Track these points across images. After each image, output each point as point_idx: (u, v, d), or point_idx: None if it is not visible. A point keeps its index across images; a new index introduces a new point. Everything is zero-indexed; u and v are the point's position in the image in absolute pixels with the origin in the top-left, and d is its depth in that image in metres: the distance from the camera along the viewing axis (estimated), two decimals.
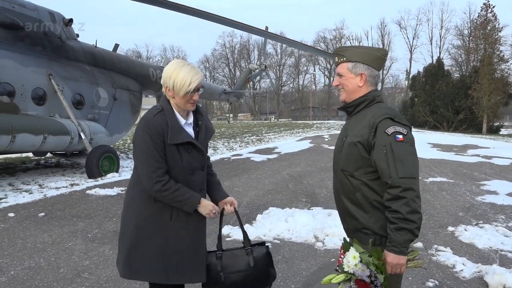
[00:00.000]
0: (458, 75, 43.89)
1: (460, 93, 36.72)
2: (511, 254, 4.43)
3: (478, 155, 13.93)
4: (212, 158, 13.37)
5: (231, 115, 65.83)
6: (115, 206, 6.67)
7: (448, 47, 61.24)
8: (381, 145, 1.89)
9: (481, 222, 5.64)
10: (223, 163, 12.24)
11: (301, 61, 72.54)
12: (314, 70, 74.08)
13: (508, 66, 40.27)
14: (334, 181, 2.19)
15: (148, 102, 45.27)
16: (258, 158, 13.23)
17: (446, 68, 43.31)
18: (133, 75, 13.05)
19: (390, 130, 1.89)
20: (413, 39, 67.35)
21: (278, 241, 4.91)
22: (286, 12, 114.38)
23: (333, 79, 2.28)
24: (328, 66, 70.43)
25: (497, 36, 38.75)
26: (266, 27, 21.18)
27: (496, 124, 38.21)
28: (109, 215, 6.13)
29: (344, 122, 2.28)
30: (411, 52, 66.75)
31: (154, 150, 2.11)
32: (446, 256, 4.31)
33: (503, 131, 38.48)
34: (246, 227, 5.32)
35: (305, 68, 73.95)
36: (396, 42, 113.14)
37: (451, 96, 36.96)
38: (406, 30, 70.63)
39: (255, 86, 66.19)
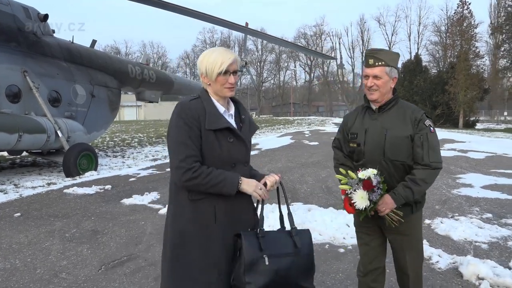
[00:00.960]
0: (436, 71, 44.67)
1: (437, 89, 37.38)
2: (485, 245, 4.56)
3: (454, 149, 14.23)
4: None
5: None
6: (94, 205, 6.58)
7: (426, 43, 62.38)
8: (420, 134, 2.34)
9: (457, 214, 5.78)
10: None
11: (281, 57, 72.68)
12: (295, 66, 74.39)
13: (483, 62, 41.23)
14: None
15: (128, 99, 44.89)
16: None
17: (424, 64, 44.01)
18: (111, 72, 12.87)
19: (427, 123, 2.39)
20: (392, 35, 68.36)
21: None
22: (267, 8, 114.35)
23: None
24: (309, 62, 70.85)
25: (472, 33, 39.55)
26: (247, 23, 21.12)
27: (472, 118, 39.06)
28: (87, 214, 6.05)
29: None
30: (390, 48, 67.54)
31: (187, 137, 1.88)
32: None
33: (478, 126, 39.38)
34: None
35: (286, 64, 74.16)
36: (376, 39, 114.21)
37: (429, 92, 37.61)
38: (385, 26, 71.60)
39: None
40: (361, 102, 2.63)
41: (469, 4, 39.44)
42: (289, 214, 2.09)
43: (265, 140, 18.47)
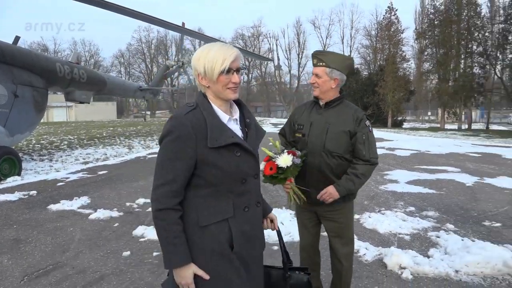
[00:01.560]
0: (367, 73, 46.93)
1: (368, 90, 39.26)
2: (408, 237, 4.86)
3: (383, 148, 15.03)
4: (127, 157, 12.90)
5: (148, 112, 63.93)
6: (16, 212, 6.16)
7: (358, 47, 65.10)
8: (362, 133, 2.62)
9: (383, 209, 6.11)
10: (138, 162, 11.86)
11: None
12: None
13: (409, 65, 43.99)
14: (312, 160, 2.65)
15: (58, 99, 42.41)
16: None
17: (356, 66, 46.08)
18: (38, 70, 12.09)
19: (367, 123, 2.67)
20: (327, 38, 70.57)
21: None
22: (205, 7, 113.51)
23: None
24: (247, 63, 71.36)
25: (399, 37, 42.04)
26: (183, 23, 20.82)
27: (399, 118, 41.49)
28: (9, 222, 5.64)
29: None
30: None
31: (176, 160, 1.63)
32: None
33: (405, 125, 41.97)
34: None
35: None
36: (311, 41, 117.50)
37: (360, 93, 39.39)
38: (320, 29, 73.84)
39: (173, 83, 64.99)
40: (298, 103, 2.82)
41: (396, 10, 41.89)
42: (284, 258, 2.13)
43: None
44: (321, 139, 2.64)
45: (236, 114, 1.82)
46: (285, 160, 2.47)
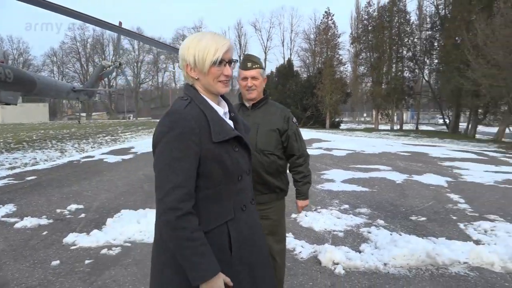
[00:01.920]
0: (306, 76, 48.21)
1: (307, 92, 40.32)
2: (341, 233, 5.05)
3: (321, 148, 15.51)
4: (58, 162, 12.25)
5: (83, 114, 61.15)
6: None
7: (298, 50, 66.76)
8: (292, 130, 2.83)
9: (319, 207, 6.30)
10: (71, 166, 11.30)
11: (160, 58, 71.18)
12: (174, 68, 73.38)
13: (346, 68, 45.78)
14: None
15: None
16: (112, 159, 12.56)
17: (295, 68, 47.17)
18: None
19: (294, 120, 2.89)
20: (267, 40, 71.77)
21: (129, 244, 4.74)
22: (144, 6, 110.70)
23: None
24: None
25: (336, 42, 43.63)
26: (120, 23, 20.18)
27: (337, 119, 43.02)
28: None
29: None
30: (265, 53, 70.92)
31: (183, 158, 1.46)
32: (288, 241, 4.68)
33: (342, 126, 43.64)
34: (94, 233, 5.01)
35: (165, 65, 72.84)
36: (252, 43, 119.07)
37: (300, 95, 40.37)
38: (260, 32, 75.13)
39: (111, 84, 62.74)
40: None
41: (333, 15, 43.44)
42: None
43: (141, 143, 17.85)
44: (253, 139, 2.69)
45: (226, 108, 1.70)
46: None
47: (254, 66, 2.74)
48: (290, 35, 70.80)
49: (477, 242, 4.63)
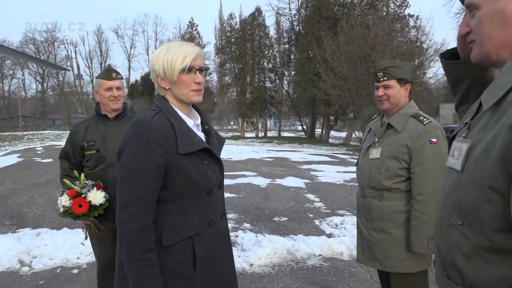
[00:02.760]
0: None
1: None
2: None
3: None
4: None
5: None
6: None
7: None
8: None
9: None
10: None
11: (5, 63, 63.16)
12: (23, 75, 65.89)
13: (212, 78, 46.75)
14: (112, 173, 2.55)
15: None
16: None
17: None
18: None
19: None
20: (131, 48, 69.26)
21: None
22: None
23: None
24: (40, 71, 64.12)
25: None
26: None
27: None
28: None
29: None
30: (129, 60, 68.35)
31: (146, 170, 1.42)
32: None
33: None
34: None
35: (11, 72, 64.83)
36: (115, 50, 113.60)
37: None
38: (123, 39, 72.04)
39: None
40: None
41: (197, 26, 44.09)
42: None
43: None
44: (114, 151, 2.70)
45: (198, 120, 1.66)
46: (97, 196, 2.49)
47: (118, 77, 2.78)
48: (155, 43, 69.24)
49: (329, 236, 5.20)
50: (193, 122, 1.62)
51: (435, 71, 28.74)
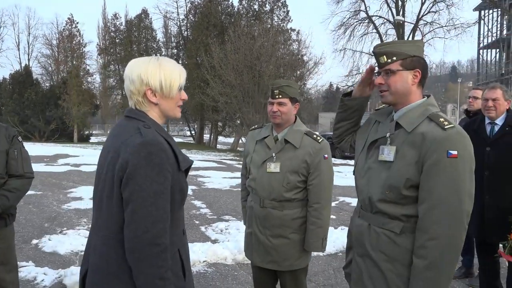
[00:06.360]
0: (49, 85, 43.88)
1: (50, 103, 36.87)
2: None
3: (68, 164, 14.49)
4: None
5: None
6: None
7: (38, 55, 59.91)
8: (14, 149, 2.73)
9: (65, 229, 5.92)
10: None
11: None
12: None
13: (94, 79, 44.09)
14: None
15: None
16: None
17: (35, 76, 42.35)
18: None
19: (20, 139, 2.86)
20: None
21: None
22: None
23: None
24: None
25: (82, 51, 41.53)
26: None
27: (86, 132, 40.91)
28: None
29: None
30: None
31: (163, 191, 1.42)
32: (28, 270, 4.26)
33: (93, 139, 41.68)
34: None
35: None
36: None
37: (42, 106, 36.54)
38: None
39: None
40: None
41: (77, 23, 41.27)
42: None
43: None
44: None
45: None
46: None
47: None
48: (28, 38, 62.71)
49: (214, 241, 5.31)
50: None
51: (314, 82, 31.12)
